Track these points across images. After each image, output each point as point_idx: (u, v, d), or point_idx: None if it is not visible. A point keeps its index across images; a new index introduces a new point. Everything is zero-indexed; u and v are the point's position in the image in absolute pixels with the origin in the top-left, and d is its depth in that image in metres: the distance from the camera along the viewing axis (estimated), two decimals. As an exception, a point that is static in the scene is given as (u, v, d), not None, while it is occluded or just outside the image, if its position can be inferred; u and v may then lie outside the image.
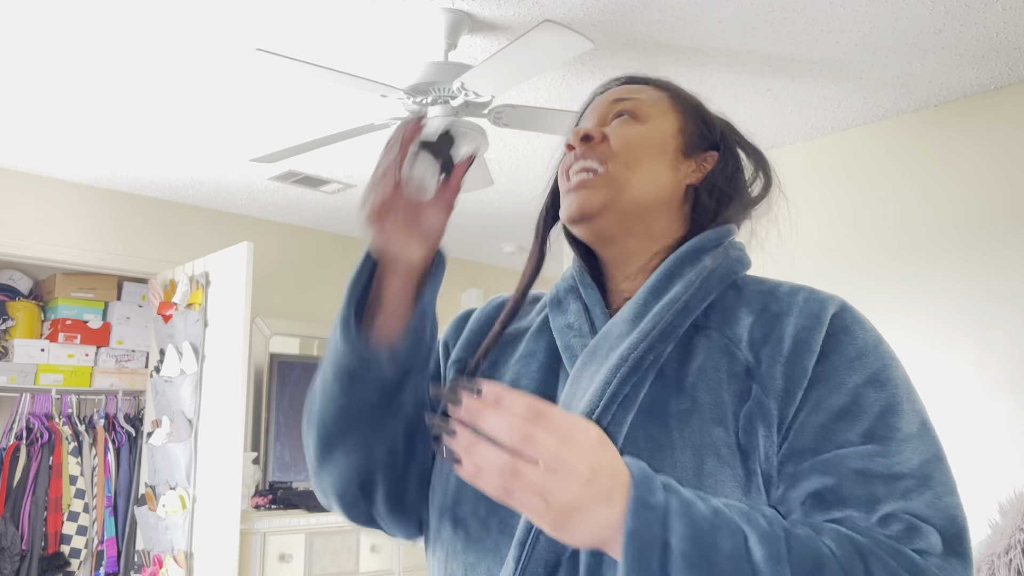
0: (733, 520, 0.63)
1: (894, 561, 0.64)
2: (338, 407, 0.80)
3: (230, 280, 3.59)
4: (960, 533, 0.68)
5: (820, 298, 0.78)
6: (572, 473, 0.59)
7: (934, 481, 0.69)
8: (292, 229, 4.67)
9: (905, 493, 0.68)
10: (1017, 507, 1.93)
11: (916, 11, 2.40)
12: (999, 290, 2.82)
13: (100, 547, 3.91)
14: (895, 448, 0.70)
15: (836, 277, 3.17)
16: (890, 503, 0.67)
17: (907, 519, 0.66)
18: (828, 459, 0.69)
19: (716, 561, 0.61)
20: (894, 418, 0.71)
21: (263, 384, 4.31)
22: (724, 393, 0.74)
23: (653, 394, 0.75)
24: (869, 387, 0.72)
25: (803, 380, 0.73)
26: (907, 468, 0.69)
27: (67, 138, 3.37)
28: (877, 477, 0.68)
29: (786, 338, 0.75)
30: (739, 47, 2.60)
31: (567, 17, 2.39)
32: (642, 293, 0.81)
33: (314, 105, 3.04)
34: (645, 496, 0.61)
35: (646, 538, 0.60)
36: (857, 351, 0.74)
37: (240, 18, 2.42)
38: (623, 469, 0.62)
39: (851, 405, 0.71)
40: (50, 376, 4.03)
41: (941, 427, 0.79)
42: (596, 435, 0.62)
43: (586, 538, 0.61)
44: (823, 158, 3.35)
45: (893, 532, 0.66)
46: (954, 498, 0.70)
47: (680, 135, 0.88)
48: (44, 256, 3.83)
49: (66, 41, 2.57)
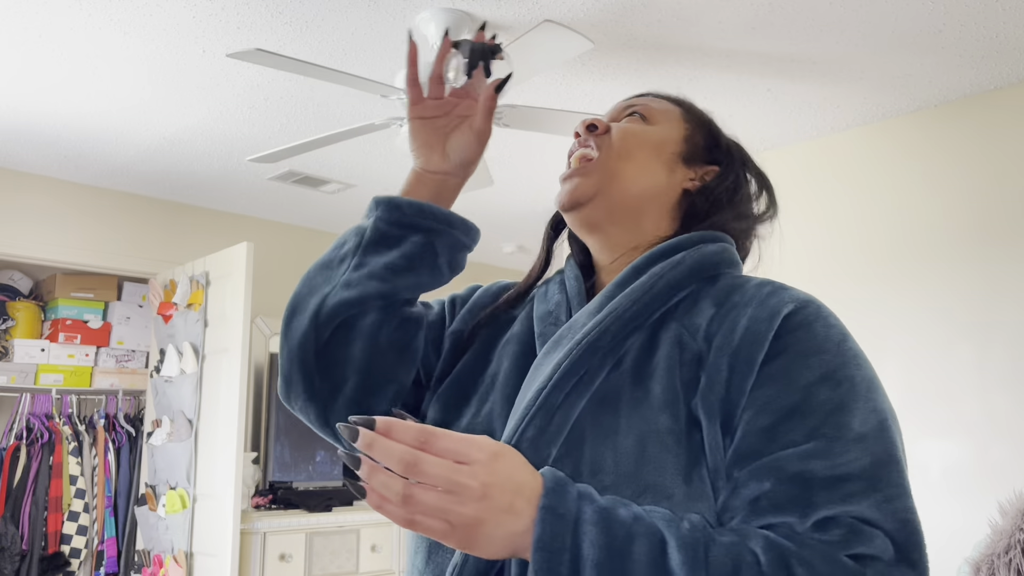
0: (653, 527, 0.63)
1: (825, 567, 0.61)
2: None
3: (230, 280, 3.59)
4: (912, 538, 0.64)
5: (785, 294, 0.76)
6: (465, 492, 0.61)
7: (884, 483, 0.66)
8: (292, 229, 4.67)
9: (848, 496, 0.64)
10: (1017, 507, 1.93)
11: (916, 11, 2.40)
12: (998, 290, 2.82)
13: (100, 547, 3.91)
14: (840, 448, 0.66)
15: (835, 277, 3.17)
16: (830, 507, 0.64)
17: (849, 523, 0.63)
18: (767, 462, 0.67)
19: (630, 568, 0.61)
20: (845, 416, 0.68)
21: (263, 384, 4.31)
22: (676, 381, 0.73)
23: (611, 382, 0.76)
24: (822, 385, 0.69)
25: (749, 374, 0.71)
26: (853, 469, 0.65)
27: (67, 138, 3.37)
28: (816, 480, 0.65)
29: (738, 329, 0.73)
30: (739, 47, 2.60)
31: (567, 17, 2.39)
32: (611, 285, 0.82)
33: (314, 105, 3.04)
34: (555, 505, 0.62)
35: (555, 546, 0.61)
36: (814, 348, 0.72)
37: (240, 18, 2.42)
38: (530, 480, 0.64)
39: (800, 404, 0.69)
40: (50, 376, 4.03)
41: (940, 428, 0.79)
42: (489, 453, 0.63)
43: (498, 550, 0.62)
44: (823, 158, 3.35)
45: (831, 537, 0.63)
46: (906, 501, 0.66)
47: (684, 142, 0.90)
48: (44, 256, 3.83)
49: (66, 41, 2.57)
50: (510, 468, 0.63)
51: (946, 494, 2.83)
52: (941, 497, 2.84)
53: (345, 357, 0.85)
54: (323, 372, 0.86)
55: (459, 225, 0.90)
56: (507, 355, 0.87)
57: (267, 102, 3.02)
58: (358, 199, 4.16)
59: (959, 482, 2.80)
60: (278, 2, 2.34)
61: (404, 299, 0.89)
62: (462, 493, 0.61)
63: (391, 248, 0.87)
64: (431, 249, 0.88)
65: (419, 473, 0.60)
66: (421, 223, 0.88)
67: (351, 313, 0.85)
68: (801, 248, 3.32)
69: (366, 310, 0.85)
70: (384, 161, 3.64)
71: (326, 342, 0.85)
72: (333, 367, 0.85)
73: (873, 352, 3.24)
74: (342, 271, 0.87)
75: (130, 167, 3.72)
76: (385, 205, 0.88)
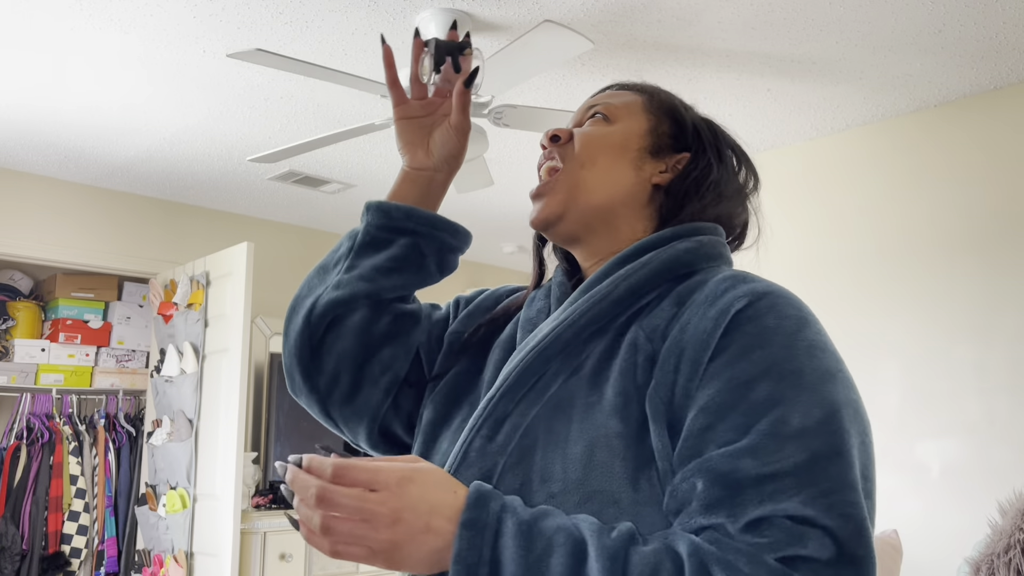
0: (577, 537, 0.64)
1: (750, 570, 0.60)
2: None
3: (230, 280, 3.59)
4: (857, 533, 0.62)
5: (741, 288, 0.73)
6: (377, 519, 0.64)
7: (822, 478, 0.63)
8: (292, 229, 4.67)
9: (777, 494, 0.62)
10: (1017, 507, 1.93)
11: (916, 11, 2.40)
12: (998, 291, 2.82)
13: (100, 547, 3.91)
14: (774, 446, 0.64)
15: (835, 277, 3.17)
16: (760, 507, 0.62)
17: (781, 523, 0.61)
18: (701, 463, 0.66)
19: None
20: (785, 411, 0.65)
21: (263, 384, 4.31)
22: (630, 385, 0.73)
23: (567, 388, 0.76)
24: (763, 380, 0.67)
25: (694, 375, 0.69)
26: (785, 467, 0.63)
27: (67, 138, 3.37)
28: (747, 479, 0.63)
29: (688, 329, 0.72)
30: (739, 47, 2.60)
31: (567, 17, 2.39)
32: (576, 291, 0.82)
33: (314, 105, 3.04)
34: (474, 519, 0.65)
35: (471, 560, 0.63)
36: (759, 342, 0.69)
37: (240, 18, 2.42)
38: (448, 498, 0.66)
39: (737, 401, 0.67)
40: (50, 376, 4.03)
41: (941, 428, 0.77)
42: (397, 478, 0.65)
43: (426, 568, 0.65)
44: (823, 158, 3.35)
45: (762, 539, 0.61)
46: (848, 495, 0.63)
47: (649, 135, 0.88)
48: (44, 256, 3.84)
49: (66, 41, 2.57)
50: (421, 490, 0.65)
51: (946, 494, 2.83)
52: (941, 497, 2.84)
53: (338, 352, 0.90)
54: (319, 367, 0.90)
55: (445, 228, 0.93)
56: (491, 361, 0.88)
57: (267, 102, 3.02)
58: (358, 199, 4.16)
59: (959, 482, 2.80)
60: (278, 2, 2.34)
61: (393, 298, 0.92)
62: (373, 520, 0.64)
63: (379, 251, 0.92)
64: (418, 251, 0.92)
65: (332, 505, 0.63)
66: (408, 227, 0.91)
67: (340, 312, 0.89)
68: (801, 248, 3.32)
69: (355, 308, 0.89)
70: (384, 161, 3.64)
71: (320, 339, 0.90)
72: (327, 362, 0.90)
73: (873, 352, 3.24)
74: (335, 273, 0.92)
75: (130, 167, 3.72)
76: (375, 210, 0.93)
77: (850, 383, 0.70)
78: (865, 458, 0.67)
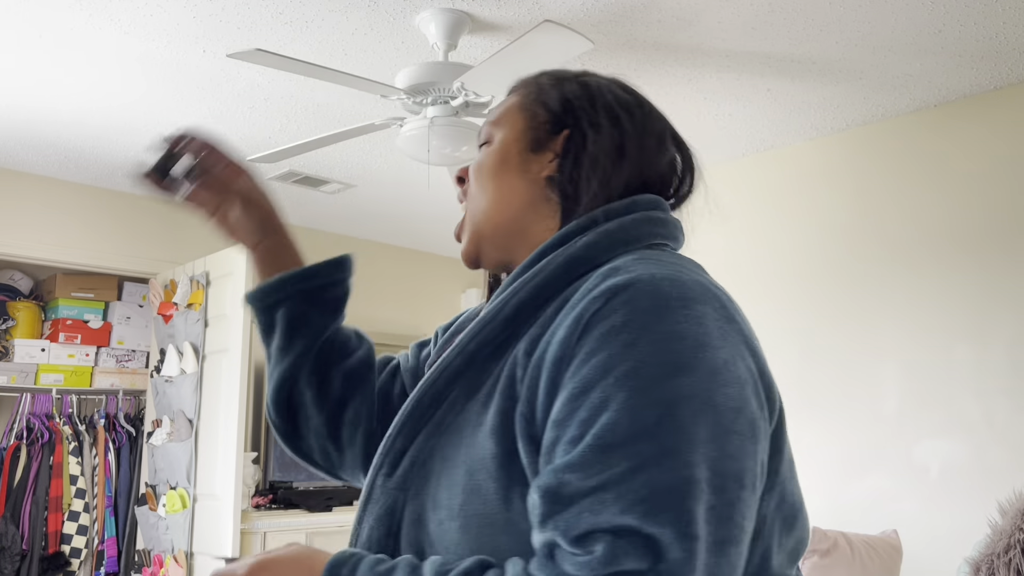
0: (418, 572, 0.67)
1: None
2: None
3: (230, 280, 3.60)
4: (679, 536, 0.59)
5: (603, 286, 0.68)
6: None
7: (645, 483, 0.60)
8: (292, 229, 4.66)
9: (601, 506, 0.60)
10: (1017, 507, 1.93)
11: (916, 11, 2.40)
12: (998, 291, 2.82)
13: (100, 547, 3.91)
14: (600, 456, 0.61)
15: (834, 277, 3.17)
16: (586, 520, 0.60)
17: (604, 536, 0.60)
18: (538, 480, 0.64)
19: None
20: (612, 416, 0.62)
21: (263, 384, 4.31)
22: (508, 403, 0.71)
23: (465, 412, 0.75)
24: (599, 385, 0.64)
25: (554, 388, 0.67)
26: (612, 476, 0.60)
27: (67, 138, 3.37)
28: (572, 493, 0.61)
29: (553, 338, 0.69)
30: (739, 47, 2.60)
31: (567, 17, 2.39)
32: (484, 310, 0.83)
33: (314, 105, 3.04)
34: None
35: None
36: (601, 345, 0.65)
37: (241, 18, 2.42)
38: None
39: (575, 410, 0.64)
40: (50, 376, 4.03)
41: (940, 429, 0.77)
42: (248, 570, 0.71)
43: None
44: (823, 158, 3.35)
45: (591, 555, 0.60)
46: (672, 498, 0.60)
47: (526, 133, 0.85)
48: (44, 256, 3.84)
49: (66, 41, 2.57)
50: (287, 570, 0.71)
51: (946, 494, 2.83)
52: (941, 497, 2.84)
53: (313, 431, 0.96)
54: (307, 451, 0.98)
55: (312, 274, 0.95)
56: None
57: (267, 102, 3.02)
58: (358, 199, 4.16)
59: (958, 482, 2.80)
60: (278, 2, 2.34)
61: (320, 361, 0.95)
62: None
63: (273, 333, 0.95)
64: (299, 311, 0.94)
65: None
66: (277, 298, 0.94)
67: (283, 396, 0.95)
68: (801, 248, 3.32)
69: (295, 388, 0.94)
70: (384, 161, 3.64)
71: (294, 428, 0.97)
72: (312, 442, 0.97)
73: (873, 353, 3.24)
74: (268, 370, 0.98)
75: (130, 167, 3.72)
76: (249, 302, 0.97)
77: (713, 369, 0.64)
78: (719, 451, 0.62)
